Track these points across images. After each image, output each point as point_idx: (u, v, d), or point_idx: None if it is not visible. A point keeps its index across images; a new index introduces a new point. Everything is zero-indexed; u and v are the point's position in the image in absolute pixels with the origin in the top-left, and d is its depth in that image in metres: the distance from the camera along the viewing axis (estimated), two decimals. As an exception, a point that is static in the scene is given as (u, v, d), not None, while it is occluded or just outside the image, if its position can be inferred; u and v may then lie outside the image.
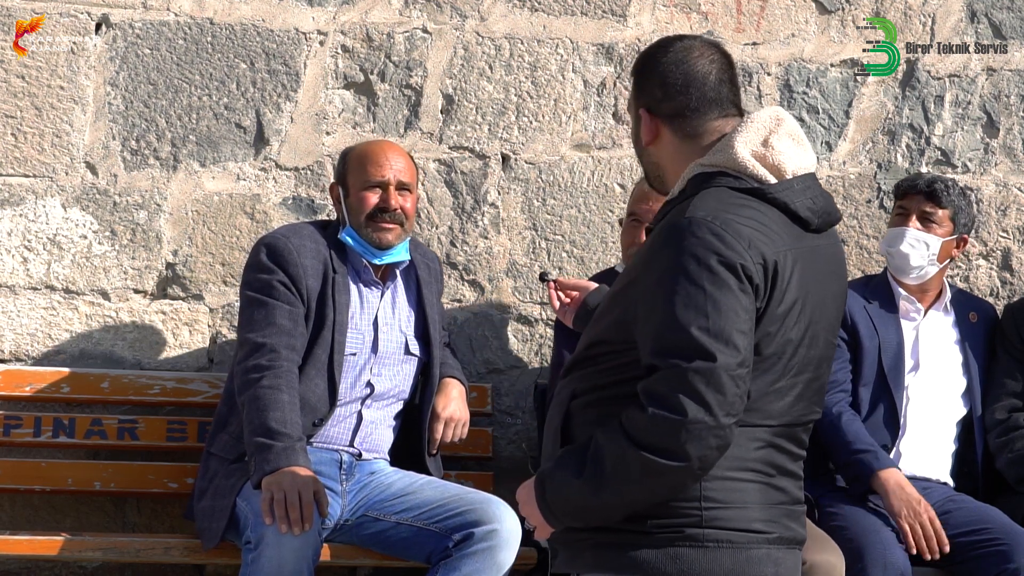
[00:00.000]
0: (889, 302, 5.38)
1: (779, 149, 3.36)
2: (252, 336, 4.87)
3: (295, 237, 5.00)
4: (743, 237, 3.21)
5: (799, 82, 5.89)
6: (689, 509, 3.24)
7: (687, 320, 3.15)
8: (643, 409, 3.15)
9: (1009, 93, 5.99)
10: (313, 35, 5.64)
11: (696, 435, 3.12)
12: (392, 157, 5.08)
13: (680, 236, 3.21)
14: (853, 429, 5.16)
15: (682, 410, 3.12)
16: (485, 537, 4.76)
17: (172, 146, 5.56)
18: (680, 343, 3.15)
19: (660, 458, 3.14)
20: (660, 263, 3.22)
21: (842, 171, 5.93)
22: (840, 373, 5.26)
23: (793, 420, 3.34)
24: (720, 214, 3.23)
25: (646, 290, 3.23)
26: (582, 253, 5.77)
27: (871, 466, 5.10)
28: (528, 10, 5.76)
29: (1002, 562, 5.01)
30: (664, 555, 3.24)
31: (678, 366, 3.13)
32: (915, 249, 5.31)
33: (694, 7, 5.84)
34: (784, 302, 3.26)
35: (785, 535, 3.34)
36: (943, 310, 5.44)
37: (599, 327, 3.36)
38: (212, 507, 4.88)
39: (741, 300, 3.18)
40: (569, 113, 5.78)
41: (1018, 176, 6.00)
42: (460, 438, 5.20)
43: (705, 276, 3.17)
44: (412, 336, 5.13)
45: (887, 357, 5.30)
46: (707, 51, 3.46)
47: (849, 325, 5.29)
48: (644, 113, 3.47)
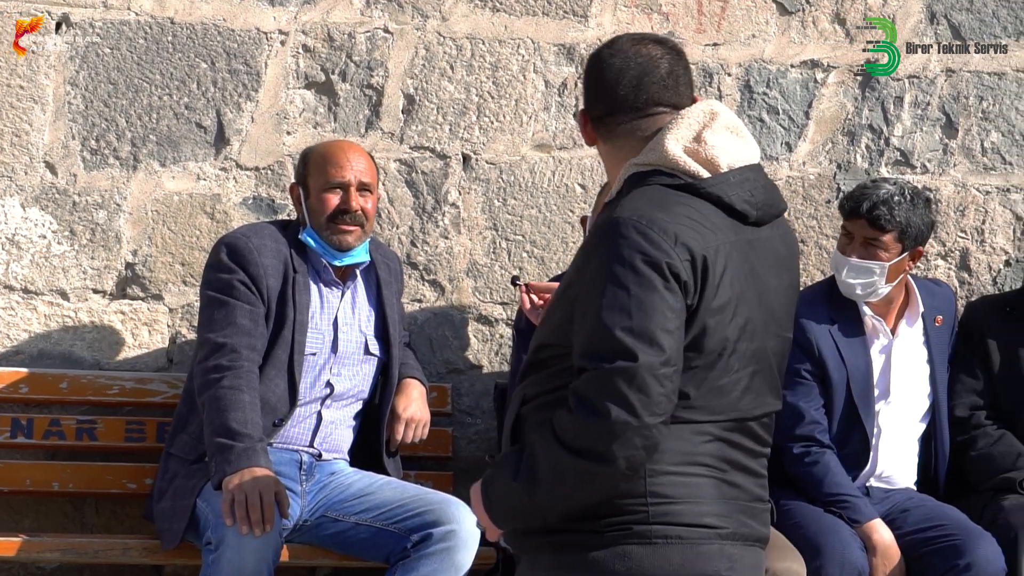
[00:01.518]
0: (854, 319, 5.29)
1: (712, 143, 3.34)
2: (212, 336, 4.86)
3: (256, 237, 4.99)
4: (669, 234, 3.20)
5: (759, 83, 5.91)
6: (635, 506, 3.23)
7: (612, 321, 3.14)
8: (571, 411, 3.15)
9: (968, 94, 6.01)
10: (274, 35, 5.63)
11: (621, 436, 3.12)
12: (353, 158, 5.07)
13: (607, 237, 3.21)
14: (831, 471, 5.15)
15: (605, 412, 3.11)
16: (443, 538, 4.77)
17: (132, 146, 5.55)
18: (604, 344, 3.14)
19: (587, 460, 3.14)
20: (591, 265, 3.23)
21: (802, 171, 5.94)
22: (814, 411, 5.21)
23: (743, 415, 3.32)
24: (647, 213, 3.22)
25: (579, 293, 3.24)
26: (543, 253, 5.77)
27: (859, 520, 5.10)
28: (490, 10, 5.76)
29: (954, 557, 5.02)
30: (613, 553, 3.23)
31: (601, 368, 3.13)
32: (858, 278, 5.21)
33: (655, 8, 5.84)
34: (719, 296, 3.25)
35: (740, 531, 3.32)
36: (914, 323, 5.37)
37: (545, 331, 3.36)
38: (172, 508, 4.87)
39: (667, 299, 3.17)
40: (530, 113, 5.78)
41: (976, 177, 6.02)
42: (420, 438, 5.20)
43: (630, 276, 3.16)
44: (372, 336, 5.13)
45: (856, 387, 5.24)
46: (638, 50, 3.44)
47: (817, 357, 5.23)
48: (580, 116, 3.48)
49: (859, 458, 5.25)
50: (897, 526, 5.15)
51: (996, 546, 5.03)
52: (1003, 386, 5.39)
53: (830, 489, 5.12)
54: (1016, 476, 5.26)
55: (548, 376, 3.31)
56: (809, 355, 5.21)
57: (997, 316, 5.44)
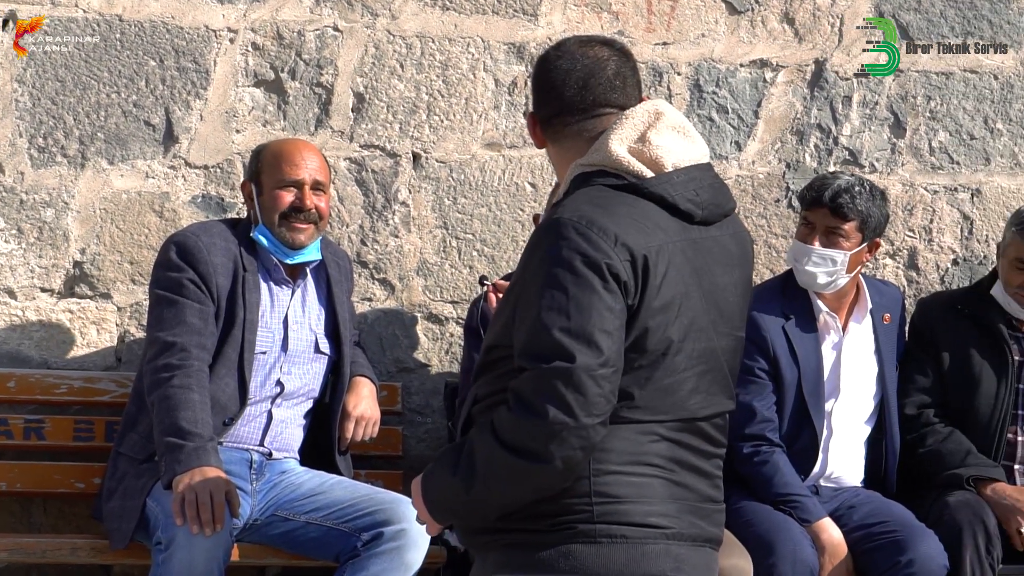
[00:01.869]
0: (807, 314, 5.31)
1: (657, 143, 3.34)
2: (162, 335, 4.84)
3: (205, 235, 4.98)
4: (609, 235, 3.20)
5: (709, 82, 5.92)
6: (581, 505, 3.23)
7: (550, 322, 3.15)
8: (510, 410, 3.16)
9: (916, 94, 6.04)
10: (223, 32, 5.62)
11: (557, 436, 3.13)
12: (308, 156, 5.06)
13: (546, 237, 3.22)
14: (780, 470, 5.17)
15: (543, 412, 3.13)
16: (394, 537, 4.76)
17: (80, 144, 5.52)
18: (542, 345, 3.15)
19: (524, 459, 3.15)
20: (532, 266, 3.24)
21: (751, 171, 5.96)
22: (766, 410, 5.22)
23: (692, 415, 3.32)
24: (587, 213, 3.23)
25: (521, 293, 3.25)
26: (493, 252, 5.78)
27: (809, 520, 5.11)
28: (439, 9, 5.76)
29: (896, 553, 5.04)
30: (558, 553, 3.24)
31: (539, 368, 3.14)
32: (821, 267, 5.23)
33: (605, 7, 5.85)
34: (660, 296, 3.25)
35: (688, 531, 3.31)
36: (863, 319, 5.40)
37: (494, 332, 3.35)
38: (122, 507, 4.85)
39: (605, 299, 3.17)
40: (480, 112, 5.78)
41: (924, 176, 6.05)
42: (371, 437, 5.19)
43: (568, 277, 3.17)
44: (322, 334, 5.12)
45: (807, 385, 5.26)
46: (585, 51, 3.45)
47: (771, 356, 5.25)
48: (529, 118, 3.49)
49: (808, 456, 5.27)
50: (843, 523, 5.17)
51: (938, 543, 5.06)
52: (953, 384, 5.42)
53: (779, 489, 5.14)
54: (964, 473, 5.28)
55: (497, 377, 3.31)
56: (763, 353, 5.23)
57: (948, 314, 5.46)
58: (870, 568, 5.10)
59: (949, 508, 5.18)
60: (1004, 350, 5.38)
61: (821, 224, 5.24)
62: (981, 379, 5.38)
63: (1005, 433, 5.38)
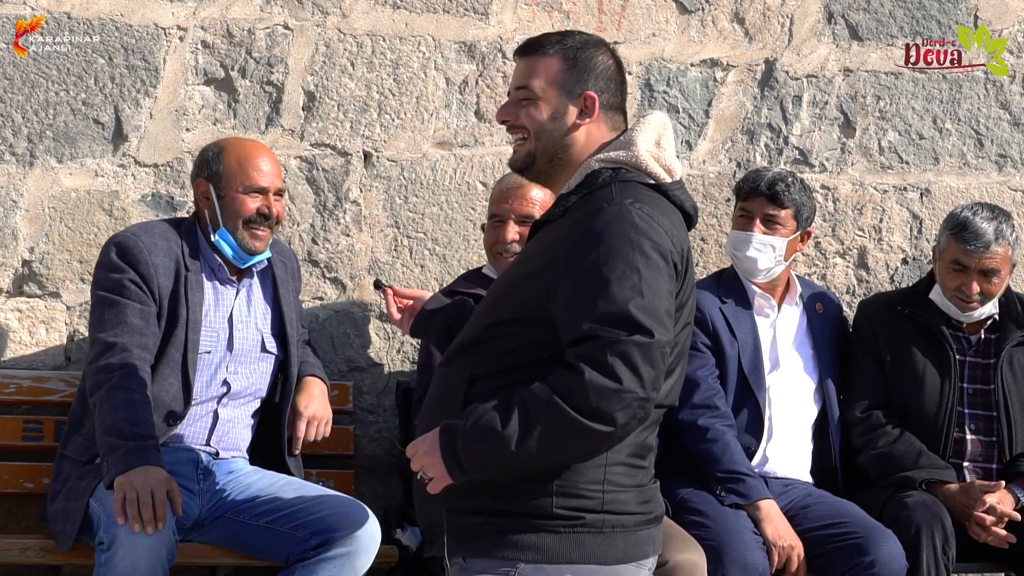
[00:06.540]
0: (742, 299, 5.43)
1: (668, 150, 3.57)
2: (103, 336, 4.83)
3: (146, 235, 4.96)
4: (664, 227, 3.41)
5: (659, 81, 5.93)
6: (593, 492, 3.42)
7: (625, 298, 3.31)
8: (575, 372, 3.28)
9: (865, 94, 6.06)
10: (173, 30, 5.60)
11: (627, 403, 3.29)
12: (271, 161, 5.07)
13: (612, 222, 3.38)
14: (729, 449, 5.20)
15: (618, 378, 3.28)
16: (344, 543, 4.76)
17: (28, 142, 5.50)
18: (621, 317, 3.30)
19: (588, 420, 3.29)
20: (590, 246, 3.36)
21: (702, 170, 5.98)
22: (711, 379, 5.29)
23: (670, 403, 3.54)
24: (644, 204, 3.42)
25: (575, 271, 3.36)
26: (444, 251, 5.77)
27: (749, 496, 5.14)
28: (390, 7, 5.75)
29: (857, 555, 5.07)
30: (567, 540, 3.41)
31: (619, 337, 3.29)
32: (762, 253, 5.36)
33: (555, 6, 5.85)
34: (684, 291, 3.47)
35: (657, 513, 3.55)
36: (794, 304, 5.50)
37: (502, 309, 3.48)
38: (65, 509, 4.83)
39: (668, 284, 3.38)
40: (431, 111, 5.78)
41: (874, 175, 6.08)
42: (323, 436, 5.18)
43: (640, 259, 3.34)
44: (269, 334, 5.11)
45: (746, 359, 5.35)
46: (615, 55, 3.69)
47: (711, 331, 5.34)
48: (591, 97, 3.60)
49: (754, 427, 5.32)
50: (798, 523, 5.19)
51: (898, 543, 5.08)
52: (895, 383, 5.44)
53: (726, 466, 5.16)
54: (916, 476, 5.31)
55: (497, 356, 3.45)
56: (704, 328, 5.33)
57: (889, 315, 5.49)
58: (830, 570, 5.13)
59: (907, 508, 5.20)
60: (946, 349, 5.42)
61: (759, 212, 5.38)
62: (925, 378, 5.42)
63: (952, 431, 5.41)
